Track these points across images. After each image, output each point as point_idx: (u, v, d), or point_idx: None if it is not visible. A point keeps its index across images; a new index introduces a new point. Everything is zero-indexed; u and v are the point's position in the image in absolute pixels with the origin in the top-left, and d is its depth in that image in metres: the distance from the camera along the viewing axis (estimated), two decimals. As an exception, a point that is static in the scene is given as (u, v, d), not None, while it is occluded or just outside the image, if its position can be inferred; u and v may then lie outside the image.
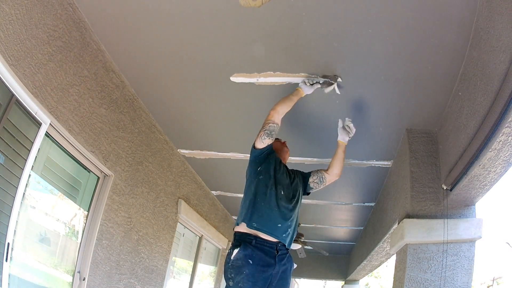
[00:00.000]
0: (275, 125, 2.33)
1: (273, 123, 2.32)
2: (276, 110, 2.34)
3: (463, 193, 2.45)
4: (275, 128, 2.32)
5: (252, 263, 2.05)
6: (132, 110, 3.17)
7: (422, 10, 1.97)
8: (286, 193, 2.29)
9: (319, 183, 2.55)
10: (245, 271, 2.03)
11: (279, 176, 2.32)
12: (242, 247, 2.10)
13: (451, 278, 2.47)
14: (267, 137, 2.30)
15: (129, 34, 2.49)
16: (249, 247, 2.10)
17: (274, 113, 2.33)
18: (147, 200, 3.60)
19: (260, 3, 2.06)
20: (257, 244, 2.11)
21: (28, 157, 2.05)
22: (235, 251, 2.11)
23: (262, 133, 2.31)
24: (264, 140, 2.30)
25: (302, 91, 2.49)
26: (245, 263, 2.05)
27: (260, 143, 2.32)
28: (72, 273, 2.68)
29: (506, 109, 1.69)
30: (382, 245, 4.46)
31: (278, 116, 2.34)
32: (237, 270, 2.05)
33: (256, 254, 2.08)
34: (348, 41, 2.27)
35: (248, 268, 2.04)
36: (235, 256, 2.09)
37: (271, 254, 2.13)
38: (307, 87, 2.50)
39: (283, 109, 2.37)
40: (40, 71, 2.12)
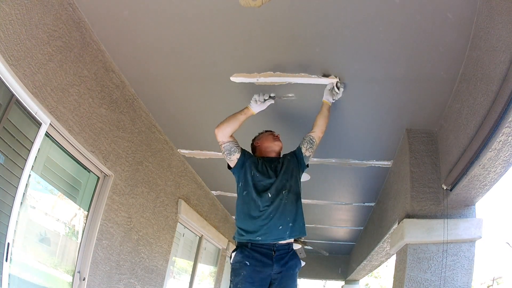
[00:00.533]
0: (227, 143, 2.37)
1: (224, 143, 2.37)
2: (220, 129, 2.37)
3: (463, 193, 2.45)
4: (229, 146, 2.37)
5: (249, 264, 2.14)
6: (132, 110, 3.17)
7: (422, 10, 1.97)
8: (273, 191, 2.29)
9: (312, 145, 2.50)
10: (243, 273, 2.12)
11: (262, 176, 2.33)
12: (239, 251, 2.22)
13: (451, 278, 2.47)
14: (230, 155, 2.38)
15: (129, 34, 2.49)
16: (245, 250, 2.19)
17: (218, 133, 2.37)
18: (147, 200, 3.60)
19: (260, 3, 2.06)
20: (253, 247, 2.19)
21: (28, 157, 2.05)
22: (233, 254, 2.24)
23: (225, 156, 2.41)
24: (231, 158, 2.39)
25: (251, 110, 2.44)
26: (242, 265, 2.14)
27: (230, 162, 2.41)
28: (72, 273, 2.68)
29: (506, 109, 1.69)
30: (382, 245, 4.46)
31: (223, 134, 2.36)
32: (236, 272, 2.16)
33: (252, 256, 2.16)
34: (348, 41, 2.27)
35: (245, 269, 2.13)
36: (234, 259, 2.22)
37: (268, 255, 2.17)
38: (258, 105, 2.44)
39: (226, 129, 2.36)
40: (40, 71, 2.12)
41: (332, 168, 3.95)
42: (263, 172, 2.36)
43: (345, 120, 3.09)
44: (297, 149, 2.54)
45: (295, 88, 2.72)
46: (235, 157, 2.38)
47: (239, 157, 2.38)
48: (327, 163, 3.87)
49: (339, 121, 3.12)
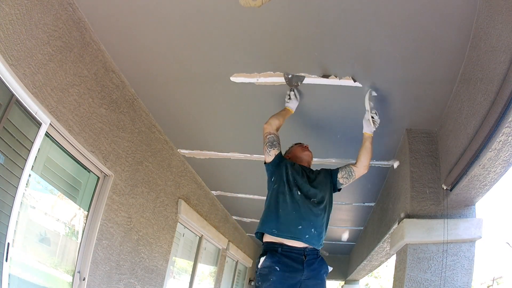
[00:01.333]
0: (272, 135, 2.44)
1: (269, 134, 2.44)
2: (269, 122, 2.49)
3: (463, 193, 2.45)
4: (274, 138, 2.43)
5: (279, 270, 2.08)
6: (132, 110, 3.17)
7: (422, 10, 1.97)
8: (304, 193, 2.29)
9: (348, 177, 2.50)
10: (272, 278, 2.06)
11: (293, 179, 2.33)
12: (268, 255, 2.14)
13: (451, 278, 2.47)
14: (271, 148, 2.42)
15: (129, 34, 2.49)
16: (275, 255, 2.13)
17: (267, 126, 2.48)
18: (147, 200, 3.60)
19: (260, 3, 2.06)
20: (283, 252, 2.13)
21: (28, 157, 2.05)
22: (261, 259, 2.15)
23: (266, 147, 2.43)
24: (270, 152, 2.41)
25: (289, 108, 2.64)
26: (272, 271, 2.08)
27: (268, 157, 2.43)
28: (72, 273, 2.68)
29: (506, 109, 1.69)
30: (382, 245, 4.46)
31: (271, 127, 2.46)
32: (264, 278, 2.09)
33: (283, 261, 2.10)
34: (348, 41, 2.27)
35: (275, 275, 2.07)
36: (262, 264, 2.13)
37: (298, 260, 2.13)
38: (290, 102, 2.63)
39: (274, 121, 2.50)
40: (40, 71, 2.12)
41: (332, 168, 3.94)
42: (300, 175, 2.38)
43: (345, 120, 3.09)
44: (334, 171, 2.54)
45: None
46: (274, 152, 2.40)
47: (277, 154, 2.41)
48: (327, 163, 3.86)
49: (339, 121, 3.12)
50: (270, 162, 2.41)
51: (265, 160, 2.45)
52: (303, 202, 2.26)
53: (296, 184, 2.31)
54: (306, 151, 2.63)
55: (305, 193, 2.30)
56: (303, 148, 2.65)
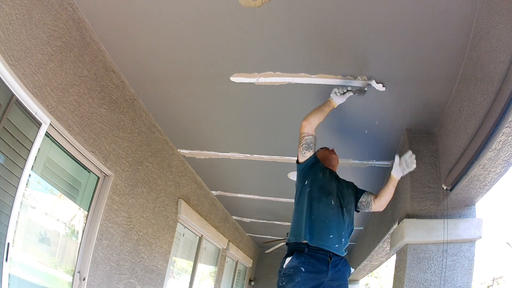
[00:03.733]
0: (311, 136, 2.33)
1: (308, 135, 2.32)
2: (309, 121, 2.33)
3: (463, 193, 2.45)
4: (312, 140, 2.33)
5: (304, 271, 2.07)
6: (132, 110, 3.17)
7: (422, 9, 1.97)
8: (335, 202, 2.27)
9: (365, 207, 2.48)
10: (297, 279, 2.05)
11: (327, 186, 2.30)
12: (294, 256, 2.12)
13: (451, 278, 2.47)
14: (306, 150, 2.33)
15: (129, 34, 2.49)
16: (302, 255, 2.11)
17: (307, 124, 2.32)
18: (147, 200, 3.60)
19: (260, 3, 2.06)
20: (310, 252, 2.12)
21: (28, 157, 2.05)
22: (287, 259, 2.14)
23: (301, 148, 2.33)
24: (304, 154, 2.33)
25: (333, 102, 2.43)
26: (297, 271, 2.07)
27: (302, 157, 2.35)
28: (72, 273, 2.68)
29: (506, 109, 1.69)
30: (382, 245, 4.46)
31: (311, 126, 2.33)
32: (289, 278, 2.08)
33: (308, 262, 2.09)
34: (348, 41, 2.27)
35: (300, 276, 2.05)
36: (288, 265, 2.12)
37: (324, 260, 2.12)
38: (338, 97, 2.43)
39: (315, 120, 2.34)
40: (40, 71, 2.12)
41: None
42: (330, 179, 2.36)
43: (345, 120, 3.09)
44: (359, 192, 2.52)
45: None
46: (309, 154, 2.33)
47: (311, 155, 2.34)
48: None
49: (339, 122, 3.12)
50: (303, 162, 2.35)
51: (298, 159, 2.38)
52: (336, 210, 2.25)
53: (329, 191, 2.28)
54: (333, 154, 2.62)
55: (339, 201, 2.28)
56: (330, 152, 2.64)
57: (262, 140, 3.68)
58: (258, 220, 6.87)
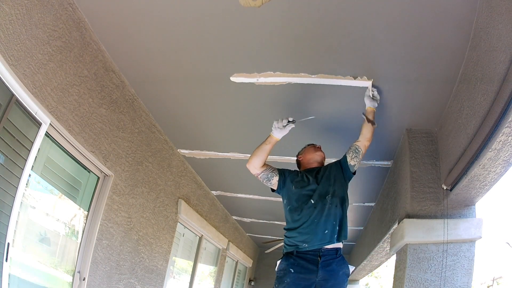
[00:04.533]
0: (261, 173, 2.50)
1: (258, 175, 2.51)
2: (251, 163, 2.50)
3: (463, 193, 2.45)
4: (264, 175, 2.50)
5: (293, 272, 2.16)
6: (132, 110, 3.17)
7: (422, 10, 1.97)
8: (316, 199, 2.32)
9: (357, 155, 2.49)
10: (286, 280, 2.15)
11: (303, 192, 2.37)
12: (284, 258, 2.26)
13: (451, 278, 2.47)
14: (269, 181, 2.51)
15: (129, 34, 2.49)
16: (291, 257, 2.22)
17: (250, 168, 2.51)
18: (147, 200, 3.60)
19: (260, 3, 2.06)
20: (298, 254, 2.21)
21: (28, 157, 2.05)
22: (278, 262, 2.29)
23: (265, 183, 2.54)
24: (271, 184, 2.52)
25: (274, 136, 2.52)
26: (286, 273, 2.17)
27: (273, 186, 2.53)
28: (72, 273, 2.68)
29: (506, 109, 1.69)
30: (382, 245, 4.46)
31: (255, 168, 2.49)
32: (280, 280, 2.19)
33: (297, 263, 2.18)
34: (348, 42, 2.27)
35: (290, 277, 2.15)
36: (278, 267, 2.26)
37: (313, 261, 2.18)
38: (278, 130, 2.50)
39: (255, 161, 2.49)
40: (40, 71, 2.12)
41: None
42: (304, 182, 2.42)
43: (345, 120, 3.09)
44: (343, 158, 2.55)
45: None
46: (275, 180, 2.50)
47: (278, 179, 2.49)
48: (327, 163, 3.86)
49: (339, 121, 3.12)
50: (277, 189, 2.51)
51: (271, 189, 2.54)
52: (320, 206, 2.29)
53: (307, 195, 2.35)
54: (319, 151, 2.65)
55: (318, 196, 2.33)
56: (316, 149, 2.67)
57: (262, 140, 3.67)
58: (258, 220, 6.87)
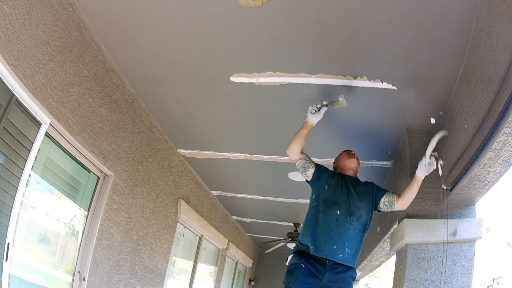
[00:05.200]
0: (299, 160, 2.44)
1: (297, 161, 2.45)
2: (290, 149, 2.45)
3: (463, 193, 2.45)
4: (302, 162, 2.45)
5: (304, 267, 2.22)
6: (132, 110, 3.17)
7: (422, 10, 1.97)
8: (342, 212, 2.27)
9: (388, 206, 2.42)
10: (296, 273, 2.22)
11: (332, 197, 2.33)
12: (296, 254, 2.31)
13: (451, 278, 2.47)
14: (305, 171, 2.46)
15: (129, 34, 2.49)
16: (303, 254, 2.27)
17: (290, 152, 2.46)
18: (147, 200, 3.60)
19: (260, 3, 2.06)
20: (309, 255, 2.25)
21: (28, 157, 2.05)
22: (290, 257, 2.34)
23: (300, 172, 2.49)
24: (306, 174, 2.47)
25: (310, 121, 2.47)
26: (298, 267, 2.23)
27: (307, 178, 2.48)
28: (72, 273, 2.68)
29: (506, 109, 1.69)
30: (382, 245, 4.45)
31: (295, 153, 2.44)
32: (290, 273, 2.26)
33: (308, 261, 2.23)
34: (348, 42, 2.27)
35: (300, 271, 2.21)
36: (290, 261, 2.32)
37: (322, 262, 2.21)
38: (314, 115, 2.46)
39: (295, 146, 2.44)
40: (40, 71, 2.12)
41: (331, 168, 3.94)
42: (337, 186, 2.37)
43: (345, 120, 3.09)
44: (380, 192, 2.44)
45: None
46: (310, 172, 2.45)
47: (314, 171, 2.45)
48: (327, 163, 3.86)
49: (339, 121, 3.12)
50: (310, 180, 2.47)
51: (306, 180, 2.51)
52: (342, 220, 2.26)
53: (334, 202, 2.31)
54: (352, 158, 2.57)
55: (345, 211, 2.29)
56: (349, 155, 2.59)
57: (262, 140, 3.68)
58: (258, 220, 6.86)
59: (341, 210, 2.28)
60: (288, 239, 6.70)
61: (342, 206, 2.29)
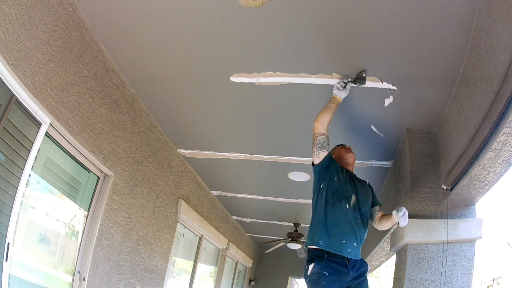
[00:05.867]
0: (323, 136, 2.37)
1: (320, 135, 2.36)
2: (319, 121, 2.37)
3: (463, 193, 2.45)
4: (324, 139, 2.36)
5: (327, 274, 2.16)
6: (132, 110, 3.17)
7: (422, 10, 1.97)
8: (350, 205, 2.27)
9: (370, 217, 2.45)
10: (322, 283, 2.15)
11: (341, 189, 2.31)
12: (316, 262, 2.21)
13: (451, 278, 2.47)
14: (320, 150, 2.35)
15: (129, 34, 2.49)
16: (322, 261, 2.20)
17: (318, 125, 2.37)
18: (147, 200, 3.60)
19: (260, 3, 2.06)
20: (329, 257, 2.20)
21: (28, 157, 2.05)
22: (310, 266, 2.23)
23: (315, 149, 2.36)
24: (319, 154, 2.36)
25: (338, 97, 2.45)
26: (321, 276, 2.16)
27: (317, 158, 2.37)
28: (72, 273, 2.68)
29: (506, 109, 1.69)
30: (382, 245, 4.45)
31: (322, 126, 2.37)
32: (315, 284, 2.18)
33: (329, 266, 2.18)
34: (348, 42, 2.27)
35: (325, 280, 2.15)
36: (312, 271, 2.21)
37: (343, 264, 2.20)
38: (341, 91, 2.45)
39: (324, 119, 2.38)
40: (40, 71, 2.12)
41: None
42: (346, 181, 2.34)
43: (345, 120, 3.09)
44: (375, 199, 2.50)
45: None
46: (323, 154, 2.35)
47: (326, 156, 2.36)
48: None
49: (339, 121, 3.12)
50: (319, 163, 2.37)
51: (313, 161, 2.40)
52: (351, 214, 2.26)
53: (343, 195, 2.29)
54: (350, 153, 2.56)
55: (353, 205, 2.29)
56: (346, 150, 2.58)
57: (262, 140, 3.68)
58: (258, 220, 6.87)
59: (349, 204, 2.27)
60: (288, 239, 6.70)
61: (350, 200, 2.29)
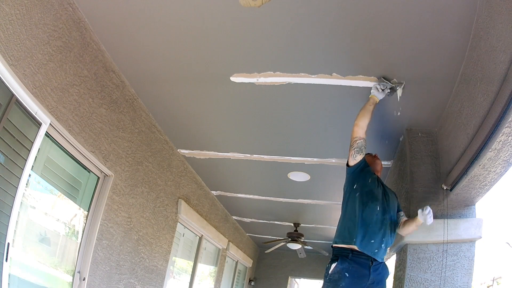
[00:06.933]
0: (362, 140, 2.40)
1: (360, 139, 2.40)
2: (359, 125, 2.40)
3: (463, 193, 2.45)
4: (363, 143, 2.40)
5: (348, 276, 2.15)
6: (132, 110, 3.17)
7: (422, 10, 1.97)
8: (380, 208, 2.31)
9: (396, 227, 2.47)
10: (341, 284, 2.14)
11: (374, 191, 2.34)
12: (339, 261, 2.20)
13: (451, 278, 2.47)
14: (357, 154, 2.39)
15: (129, 34, 2.49)
16: (346, 260, 2.19)
17: (358, 129, 2.40)
18: (147, 200, 3.60)
19: (260, 3, 2.06)
20: (353, 257, 2.19)
21: (28, 157, 2.05)
22: (332, 265, 2.22)
23: (353, 152, 2.40)
24: (356, 157, 2.40)
25: (376, 97, 2.49)
26: (342, 276, 2.15)
27: (353, 161, 2.41)
28: (72, 273, 2.68)
29: (506, 109, 1.69)
30: (382, 245, 4.45)
31: (362, 130, 2.40)
32: (334, 284, 2.16)
33: (352, 267, 2.17)
34: (348, 42, 2.27)
35: (345, 281, 2.14)
36: (333, 270, 2.21)
37: (366, 265, 2.19)
38: (380, 92, 2.49)
39: (364, 122, 2.41)
40: (40, 71, 2.12)
41: (332, 168, 3.95)
42: (377, 184, 2.40)
43: (345, 120, 3.09)
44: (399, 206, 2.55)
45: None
46: (360, 157, 2.40)
47: (361, 159, 2.41)
48: (327, 163, 3.87)
49: (339, 121, 3.12)
50: (354, 165, 2.41)
51: (349, 162, 2.44)
52: (381, 216, 2.28)
53: (376, 197, 2.33)
54: (377, 160, 2.63)
55: (384, 207, 2.32)
56: (374, 157, 2.64)
57: (262, 140, 3.68)
58: (258, 220, 6.87)
59: (380, 206, 2.31)
60: (288, 239, 6.70)
61: (381, 203, 2.32)
